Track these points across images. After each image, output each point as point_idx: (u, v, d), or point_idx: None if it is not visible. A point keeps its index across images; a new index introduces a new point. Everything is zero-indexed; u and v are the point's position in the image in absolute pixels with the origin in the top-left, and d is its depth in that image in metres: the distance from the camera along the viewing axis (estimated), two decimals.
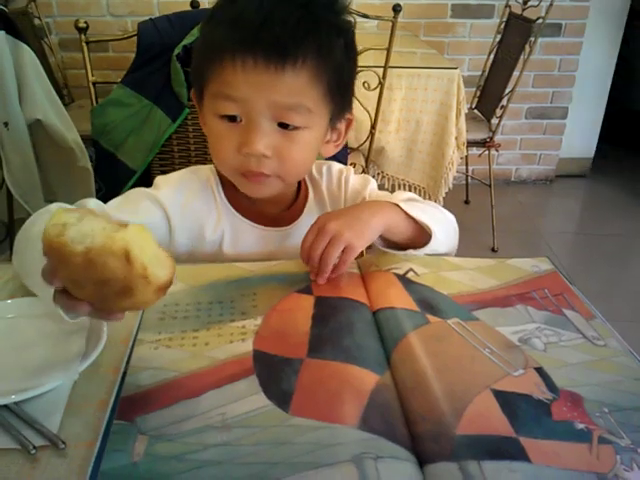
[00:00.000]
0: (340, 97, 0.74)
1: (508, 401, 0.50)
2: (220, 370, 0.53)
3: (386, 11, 1.61)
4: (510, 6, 2.64)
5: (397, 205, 0.74)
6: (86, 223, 0.45)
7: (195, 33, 1.06)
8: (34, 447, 0.46)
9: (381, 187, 1.18)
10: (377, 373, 0.52)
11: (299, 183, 0.85)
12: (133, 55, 2.82)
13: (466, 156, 2.87)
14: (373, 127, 1.65)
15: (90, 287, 0.46)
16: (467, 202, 3.10)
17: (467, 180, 3.07)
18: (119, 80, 1.18)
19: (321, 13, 0.68)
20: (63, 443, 0.46)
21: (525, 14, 2.45)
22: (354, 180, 0.89)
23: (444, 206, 2.26)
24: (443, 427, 0.46)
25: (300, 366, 0.52)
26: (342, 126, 0.79)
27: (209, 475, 0.42)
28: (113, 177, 0.99)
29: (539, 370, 0.55)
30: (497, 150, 2.66)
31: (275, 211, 0.82)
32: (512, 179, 3.40)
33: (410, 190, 2.19)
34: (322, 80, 0.69)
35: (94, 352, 0.53)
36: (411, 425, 0.47)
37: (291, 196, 0.84)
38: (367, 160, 1.81)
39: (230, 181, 0.79)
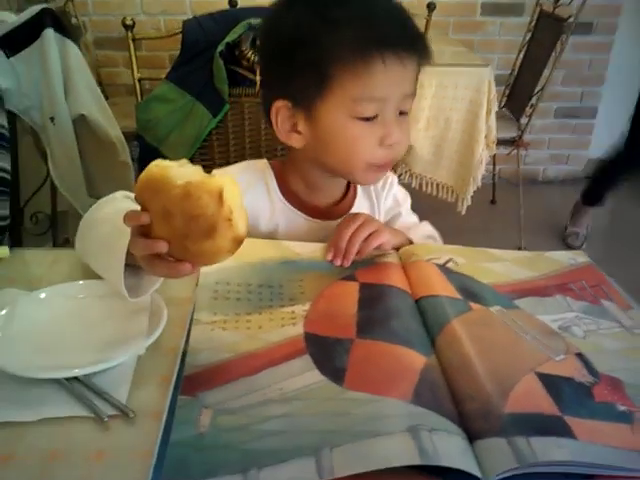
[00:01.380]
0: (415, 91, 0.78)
1: (552, 383, 0.52)
2: (275, 351, 0.56)
3: (418, 9, 1.63)
4: (541, 4, 2.64)
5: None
6: (187, 168, 0.51)
7: (238, 30, 1.09)
8: (106, 416, 0.49)
9: (408, 186, 1.21)
10: (424, 355, 0.55)
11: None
12: (166, 54, 2.87)
13: (494, 155, 2.87)
14: None
15: (179, 220, 0.50)
16: (493, 202, 3.09)
17: (494, 180, 3.06)
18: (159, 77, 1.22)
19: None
20: (133, 412, 0.50)
21: (556, 12, 2.44)
22: (397, 189, 0.95)
23: (470, 206, 2.25)
24: (491, 406, 0.48)
25: (351, 345, 0.55)
26: None
27: (272, 444, 0.45)
28: None
29: (579, 356, 0.57)
30: (526, 149, 2.65)
31: (327, 205, 0.85)
32: (540, 179, 3.39)
33: (438, 188, 2.20)
34: (420, 65, 0.74)
35: (157, 330, 0.56)
36: (459, 404, 0.50)
37: (342, 190, 0.87)
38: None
39: (284, 175, 0.83)
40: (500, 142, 2.46)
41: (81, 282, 0.65)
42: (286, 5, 0.74)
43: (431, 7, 1.61)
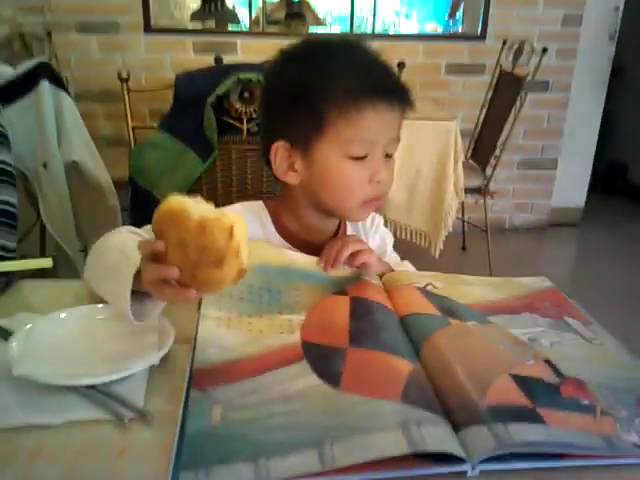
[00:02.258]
0: None
1: (524, 382, 0.58)
2: (275, 355, 0.62)
3: None
4: (501, 64, 2.84)
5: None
6: (202, 205, 0.58)
7: (227, 83, 1.18)
8: (128, 418, 0.54)
9: None
10: (410, 362, 0.61)
11: None
12: (144, 108, 2.96)
13: (462, 204, 3.01)
14: None
15: (193, 250, 0.57)
16: (464, 249, 3.22)
17: (463, 227, 3.19)
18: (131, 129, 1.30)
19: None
20: (150, 415, 0.54)
21: (515, 72, 2.63)
22: (383, 229, 1.04)
23: (442, 252, 2.36)
24: (471, 399, 0.55)
25: (345, 353, 0.61)
26: None
27: (278, 436, 0.51)
28: (150, 213, 1.10)
29: (547, 361, 0.64)
30: (492, 197, 2.79)
31: (319, 241, 0.90)
32: (506, 227, 3.54)
33: (412, 234, 2.30)
34: (403, 114, 0.83)
35: (168, 343, 0.62)
36: (443, 400, 0.56)
37: (334, 228, 0.94)
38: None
39: (278, 215, 0.90)
40: (468, 191, 2.59)
41: (100, 305, 0.70)
42: (285, 61, 0.84)
43: (401, 66, 1.75)
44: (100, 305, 0.71)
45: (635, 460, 0.52)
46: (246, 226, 0.59)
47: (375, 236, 1.01)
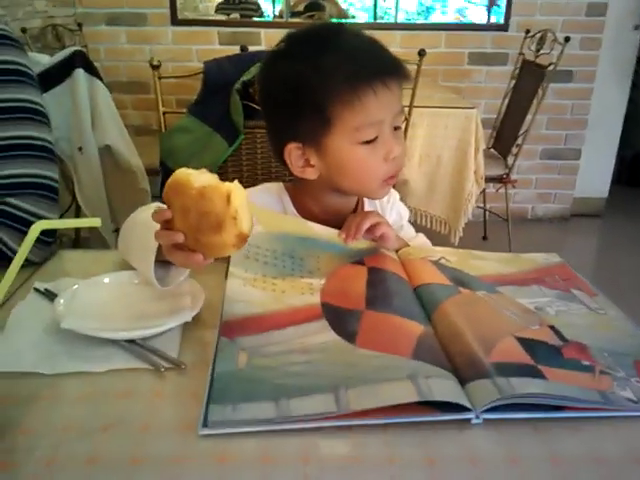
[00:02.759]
0: None
1: (527, 343, 0.63)
2: (297, 312, 0.68)
3: (409, 57, 1.80)
4: (524, 54, 2.84)
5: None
6: (205, 175, 0.63)
7: (252, 70, 1.23)
8: (163, 367, 0.60)
9: None
10: (422, 324, 0.66)
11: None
12: (172, 98, 3.03)
13: (484, 193, 3.03)
14: None
15: (194, 215, 0.61)
16: (485, 238, 3.23)
17: (485, 216, 3.21)
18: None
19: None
20: (184, 364, 0.60)
21: (538, 61, 2.63)
22: (399, 204, 1.07)
23: (463, 240, 2.40)
24: (477, 358, 0.59)
25: (361, 315, 0.67)
26: None
27: (298, 382, 0.56)
28: None
29: (552, 327, 0.68)
30: (514, 186, 2.80)
31: (339, 220, 0.93)
32: (529, 217, 3.54)
33: (432, 221, 2.34)
34: (402, 85, 0.86)
35: (199, 303, 0.68)
36: (451, 359, 0.60)
37: (352, 206, 0.98)
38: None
39: (298, 196, 0.95)
40: (489, 179, 2.62)
41: (136, 271, 0.76)
42: (275, 61, 0.87)
43: (422, 54, 1.77)
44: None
45: (628, 413, 0.56)
46: (244, 193, 0.63)
47: (392, 212, 1.04)
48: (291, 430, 0.52)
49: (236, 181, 0.64)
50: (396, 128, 0.87)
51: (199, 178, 0.62)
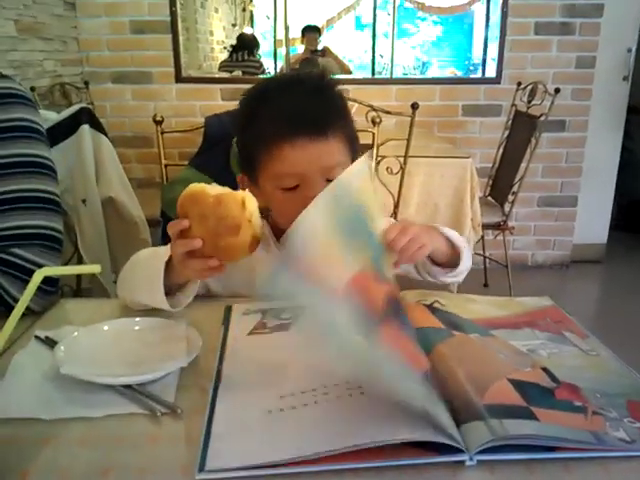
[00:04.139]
0: (354, 154, 0.94)
1: (520, 385, 0.63)
2: None
3: (404, 110, 1.86)
4: (516, 105, 2.93)
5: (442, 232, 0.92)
6: (217, 187, 0.70)
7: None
8: (159, 412, 0.61)
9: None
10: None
11: None
12: (175, 152, 3.11)
13: (483, 240, 3.06)
14: (396, 207, 1.85)
15: (212, 221, 0.67)
16: (486, 285, 3.23)
17: (485, 264, 3.22)
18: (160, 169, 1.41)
19: (334, 89, 0.92)
20: (180, 409, 0.61)
21: (530, 112, 2.71)
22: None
23: (464, 287, 2.40)
24: (471, 400, 0.60)
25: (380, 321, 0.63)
26: None
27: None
28: None
29: (544, 369, 0.69)
30: (511, 233, 2.83)
31: None
32: (529, 263, 3.55)
33: None
34: (346, 143, 0.90)
35: (195, 349, 0.69)
36: (447, 402, 0.61)
37: None
38: None
39: (279, 227, 0.98)
40: (486, 226, 2.65)
41: (137, 319, 0.79)
42: (239, 102, 0.94)
43: (415, 107, 1.83)
44: (137, 318, 0.79)
45: (620, 453, 0.56)
46: (256, 202, 0.70)
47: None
48: (285, 474, 0.53)
49: (247, 190, 0.71)
50: (331, 180, 0.87)
51: (213, 189, 0.69)
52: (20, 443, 0.57)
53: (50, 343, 0.74)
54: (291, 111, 0.86)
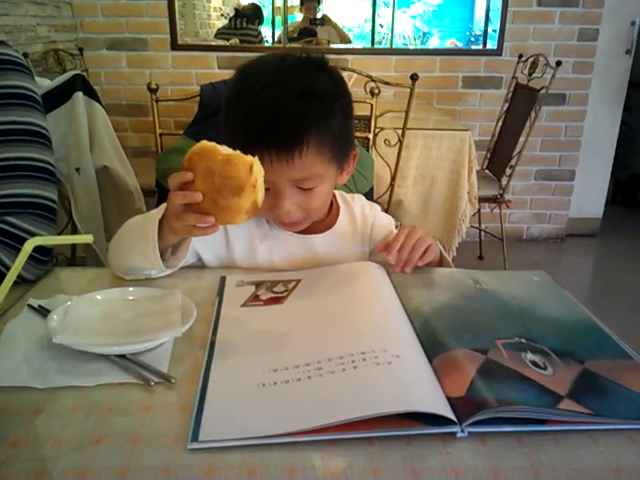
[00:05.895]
0: (342, 152, 0.91)
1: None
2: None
3: (403, 80, 1.83)
4: (517, 77, 2.89)
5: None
6: (229, 148, 0.70)
7: None
8: (153, 381, 0.61)
9: None
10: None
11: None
12: (170, 120, 3.08)
13: (479, 214, 3.05)
14: (393, 179, 1.84)
15: (218, 177, 0.68)
16: (481, 258, 3.25)
17: (480, 236, 3.23)
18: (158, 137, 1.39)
19: (319, 90, 0.84)
20: (174, 379, 0.61)
21: (530, 84, 2.68)
22: (382, 216, 1.07)
23: (459, 259, 2.44)
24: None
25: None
26: (350, 161, 0.96)
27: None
28: None
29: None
30: (508, 206, 2.83)
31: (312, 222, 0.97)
32: (524, 237, 3.56)
33: None
34: (325, 151, 0.85)
35: (190, 319, 0.69)
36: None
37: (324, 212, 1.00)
38: (387, 212, 1.99)
39: None
40: (483, 199, 2.65)
41: (130, 288, 0.78)
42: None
43: (414, 78, 1.81)
44: (131, 288, 0.78)
45: (610, 426, 0.57)
46: (262, 171, 0.70)
47: (375, 224, 1.03)
48: (277, 444, 0.53)
49: (256, 157, 0.70)
50: (307, 188, 0.87)
51: (224, 149, 0.70)
52: (12, 412, 0.57)
53: (43, 312, 0.74)
54: (264, 122, 0.81)
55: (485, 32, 3.28)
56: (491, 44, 3.24)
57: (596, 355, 0.67)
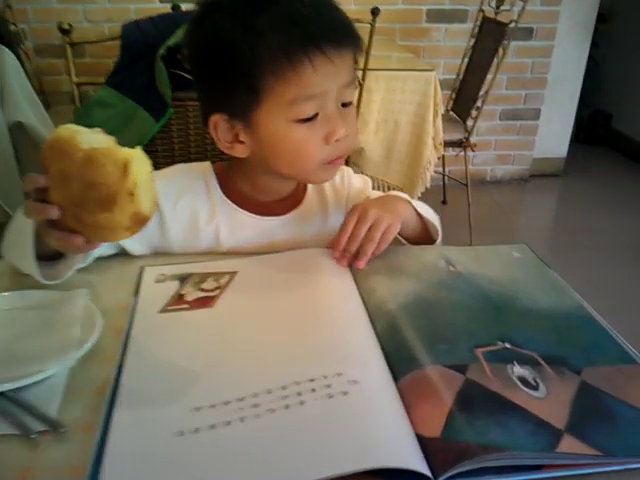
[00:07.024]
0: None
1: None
2: None
3: (363, 15, 1.64)
4: (483, 11, 2.71)
5: (409, 202, 0.80)
6: (98, 135, 0.49)
7: (179, 34, 1.07)
8: (35, 432, 0.46)
9: None
10: None
11: None
12: (109, 61, 2.81)
13: (443, 157, 2.92)
14: None
15: (76, 186, 0.47)
16: (444, 202, 3.15)
17: (444, 181, 3.12)
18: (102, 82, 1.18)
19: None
20: (63, 427, 0.47)
21: (498, 18, 2.51)
22: (356, 179, 0.93)
23: None
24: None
25: None
26: None
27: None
28: None
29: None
30: (473, 150, 2.71)
31: (272, 201, 0.83)
32: (487, 179, 3.47)
33: (389, 189, 2.22)
34: (354, 53, 0.73)
35: (89, 340, 0.53)
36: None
37: (291, 188, 0.86)
38: (347, 161, 1.84)
39: (228, 175, 0.82)
40: (448, 144, 2.51)
41: (6, 293, 0.61)
42: (207, 13, 0.71)
43: (375, 12, 1.62)
44: (6, 294, 0.62)
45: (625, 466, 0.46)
46: (149, 164, 0.50)
47: (350, 194, 0.90)
48: None
49: (139, 148, 0.50)
50: (345, 104, 0.73)
51: (89, 138, 0.49)
52: None
53: None
54: (307, 20, 0.67)
55: None
56: None
57: (594, 360, 0.56)
